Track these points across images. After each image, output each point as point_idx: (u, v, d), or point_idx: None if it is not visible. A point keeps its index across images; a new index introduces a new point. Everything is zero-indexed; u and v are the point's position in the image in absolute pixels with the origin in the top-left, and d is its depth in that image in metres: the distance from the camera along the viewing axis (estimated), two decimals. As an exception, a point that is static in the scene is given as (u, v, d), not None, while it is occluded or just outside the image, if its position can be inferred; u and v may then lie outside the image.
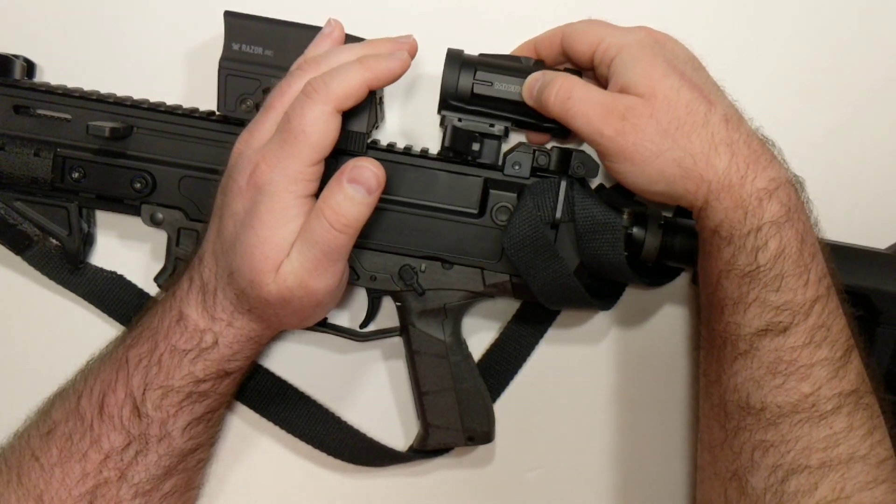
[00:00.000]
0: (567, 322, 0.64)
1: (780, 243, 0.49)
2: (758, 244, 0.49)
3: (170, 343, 0.52)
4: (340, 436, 0.62)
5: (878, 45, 0.62)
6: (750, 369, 0.50)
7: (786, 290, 0.49)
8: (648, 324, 0.64)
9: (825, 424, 0.48)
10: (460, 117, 0.55)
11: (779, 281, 0.49)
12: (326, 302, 0.53)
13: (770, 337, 0.49)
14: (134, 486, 0.53)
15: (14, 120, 0.56)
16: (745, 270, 0.50)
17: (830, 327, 0.49)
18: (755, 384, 0.50)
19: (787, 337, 0.49)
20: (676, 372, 0.64)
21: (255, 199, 0.49)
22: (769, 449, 0.49)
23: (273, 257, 0.49)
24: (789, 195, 0.50)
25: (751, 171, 0.49)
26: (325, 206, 0.49)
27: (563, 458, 0.64)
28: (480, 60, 0.54)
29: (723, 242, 0.50)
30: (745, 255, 0.49)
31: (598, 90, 0.52)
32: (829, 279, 0.50)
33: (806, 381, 0.49)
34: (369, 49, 0.52)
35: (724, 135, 0.50)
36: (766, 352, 0.49)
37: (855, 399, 0.49)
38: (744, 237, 0.49)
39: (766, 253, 0.49)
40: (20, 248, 0.59)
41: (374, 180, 0.49)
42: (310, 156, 0.48)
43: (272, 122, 0.50)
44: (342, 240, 0.49)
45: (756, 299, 0.49)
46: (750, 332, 0.50)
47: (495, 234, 0.57)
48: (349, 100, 0.49)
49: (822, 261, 0.50)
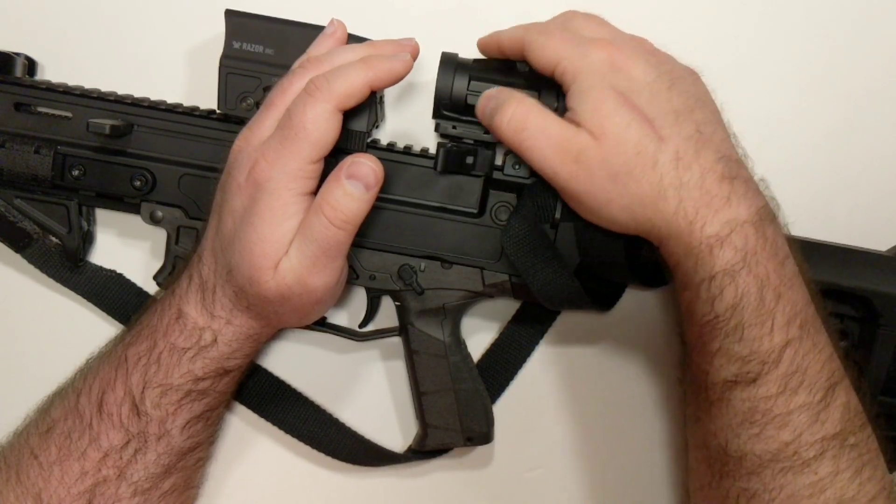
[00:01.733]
0: (567, 323, 0.64)
1: (737, 292, 0.46)
2: (712, 294, 0.47)
3: (169, 341, 0.52)
4: (338, 437, 0.62)
5: (879, 45, 0.62)
6: (725, 417, 0.48)
7: (749, 340, 0.46)
8: (648, 325, 0.64)
9: (809, 471, 0.46)
10: (454, 125, 0.55)
11: (740, 331, 0.46)
12: (325, 300, 0.53)
13: (740, 388, 0.47)
14: (133, 485, 0.53)
15: (15, 117, 0.57)
16: (703, 320, 0.48)
17: (806, 370, 0.46)
18: (732, 432, 0.48)
19: (759, 387, 0.46)
20: (674, 372, 0.64)
21: (255, 196, 0.49)
22: (753, 497, 0.47)
23: (272, 254, 0.49)
24: (746, 238, 0.46)
25: (700, 217, 0.46)
26: (324, 202, 0.49)
27: (563, 458, 0.64)
28: (474, 67, 0.54)
29: (680, 286, 0.49)
30: (701, 303, 0.47)
31: (555, 121, 0.49)
32: (802, 315, 0.47)
33: (785, 429, 0.46)
34: (372, 50, 0.52)
35: (673, 177, 0.47)
36: (738, 401, 0.47)
37: (839, 441, 0.46)
38: (697, 286, 0.47)
39: (723, 303, 0.46)
40: (20, 246, 0.59)
41: (372, 176, 0.49)
42: (310, 154, 0.48)
43: (273, 119, 0.50)
44: (341, 236, 0.49)
45: (720, 349, 0.47)
46: (719, 382, 0.48)
47: (495, 234, 0.57)
48: (351, 99, 0.49)
49: (792, 298, 0.47)
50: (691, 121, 0.48)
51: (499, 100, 0.51)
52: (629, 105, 0.48)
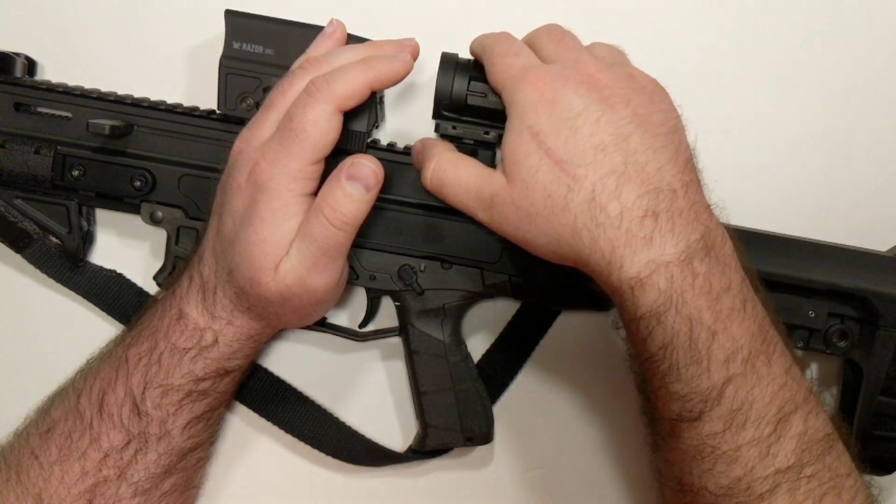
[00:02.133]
0: (567, 323, 0.64)
1: (665, 334, 0.45)
2: (642, 334, 0.46)
3: (170, 341, 0.52)
4: (339, 436, 0.62)
5: (879, 44, 0.62)
6: (677, 452, 0.48)
7: (686, 380, 0.45)
8: (648, 325, 0.64)
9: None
10: (454, 125, 0.55)
11: (675, 371, 0.45)
12: (326, 300, 0.53)
13: (686, 425, 0.46)
14: (133, 485, 0.52)
15: (15, 118, 0.56)
16: (642, 357, 0.47)
17: (752, 404, 0.45)
18: (685, 467, 0.47)
19: (703, 424, 0.45)
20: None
21: (255, 196, 0.49)
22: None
23: (272, 255, 0.49)
24: (671, 278, 0.44)
25: (617, 257, 0.45)
26: (324, 203, 0.49)
27: (563, 458, 0.64)
28: (475, 67, 0.53)
29: (619, 322, 0.49)
30: (637, 343, 0.47)
31: (471, 169, 0.50)
32: (745, 350, 0.45)
33: (735, 465, 0.45)
34: (372, 50, 0.51)
35: (587, 217, 0.45)
36: (686, 438, 0.47)
37: (794, 473, 0.45)
38: (628, 324, 0.47)
39: (654, 343, 0.45)
40: (20, 246, 0.59)
41: (372, 177, 0.49)
42: (310, 154, 0.48)
43: (273, 120, 0.50)
44: (341, 237, 0.49)
45: (661, 387, 0.47)
46: (666, 419, 0.47)
47: (495, 234, 0.57)
48: (351, 100, 0.49)
49: (731, 334, 0.45)
50: (619, 152, 0.46)
51: (423, 156, 0.53)
52: (543, 148, 0.46)
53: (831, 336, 0.57)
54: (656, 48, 0.61)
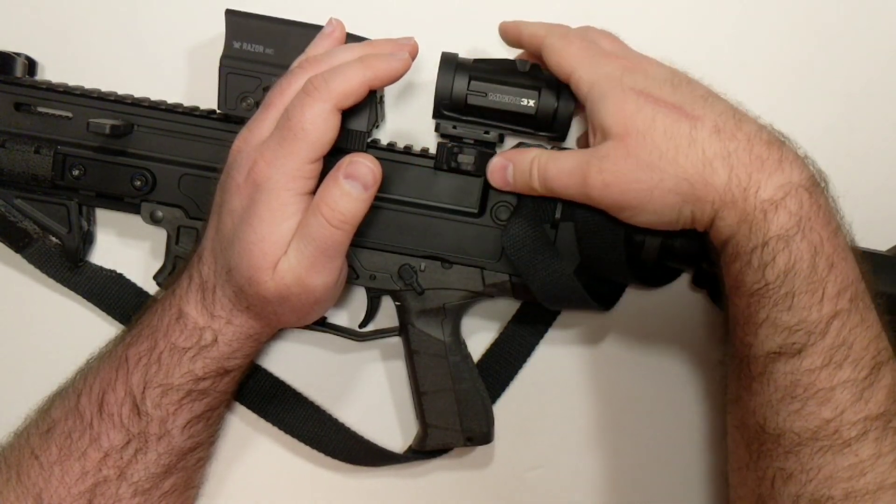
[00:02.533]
0: (567, 323, 0.64)
1: (790, 258, 0.45)
2: (765, 260, 0.46)
3: (169, 341, 0.52)
4: (338, 437, 0.62)
5: (879, 42, 0.62)
6: (766, 393, 0.47)
7: (798, 309, 0.45)
8: (648, 325, 0.64)
9: (850, 452, 0.45)
10: (454, 125, 0.55)
11: (790, 299, 0.45)
12: (325, 300, 0.53)
13: (784, 359, 0.46)
14: (133, 485, 0.53)
15: (15, 117, 0.57)
16: (752, 289, 0.47)
17: (853, 345, 0.45)
18: (772, 409, 0.47)
19: (803, 359, 0.45)
20: (676, 372, 0.64)
21: (254, 196, 0.49)
22: (790, 478, 0.46)
23: (271, 254, 0.49)
24: (801, 202, 0.46)
25: (754, 182, 0.46)
26: (322, 202, 0.49)
27: (563, 458, 0.64)
28: (475, 67, 0.53)
29: (730, 259, 0.48)
30: (752, 272, 0.46)
31: (567, 156, 0.51)
32: (853, 289, 0.46)
33: (826, 406, 0.45)
34: (371, 49, 0.52)
35: (718, 147, 0.47)
36: (780, 375, 0.46)
37: (883, 423, 0.45)
38: (749, 253, 0.46)
39: (774, 269, 0.46)
40: (20, 246, 0.59)
41: (370, 175, 0.49)
42: (308, 153, 0.48)
43: (271, 119, 0.50)
44: (339, 236, 0.49)
45: (766, 319, 0.46)
46: (763, 354, 0.47)
47: (495, 234, 0.57)
48: (349, 98, 0.49)
49: (844, 270, 0.46)
50: (723, 102, 0.49)
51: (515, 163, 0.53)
52: (651, 99, 0.48)
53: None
54: (656, 49, 0.60)
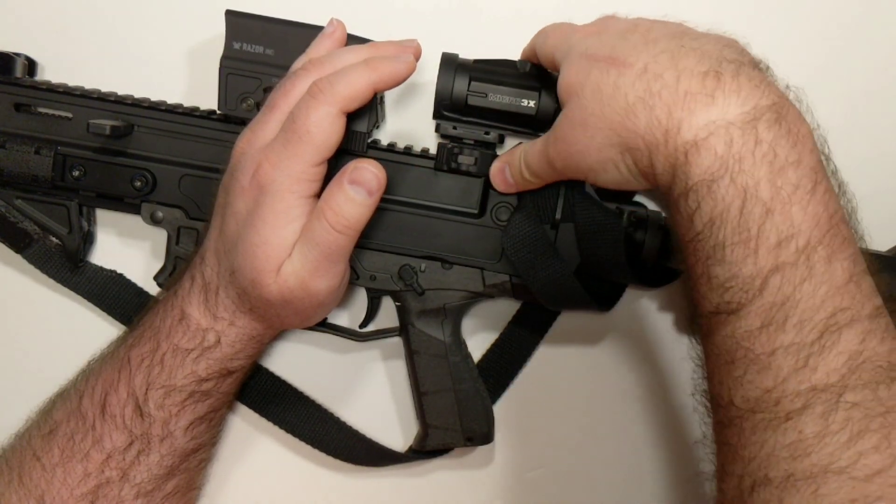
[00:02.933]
0: (567, 323, 0.64)
1: (714, 206, 0.40)
2: (690, 207, 0.41)
3: (172, 342, 0.52)
4: (339, 436, 0.62)
5: (878, 44, 0.62)
6: (712, 357, 0.42)
7: (730, 263, 0.40)
8: (648, 325, 0.64)
9: (791, 428, 0.38)
10: (455, 125, 0.55)
11: (720, 251, 0.40)
12: (328, 302, 0.53)
13: (723, 320, 0.41)
14: (136, 486, 0.53)
15: (15, 118, 0.57)
16: (686, 238, 0.42)
17: (798, 303, 0.39)
18: (718, 376, 0.42)
19: (740, 319, 0.40)
20: (675, 372, 0.64)
21: (258, 198, 0.49)
22: (735, 454, 0.41)
23: (275, 257, 0.49)
24: (730, 141, 0.40)
25: (674, 123, 0.41)
26: (326, 207, 0.49)
27: (563, 458, 0.64)
28: (475, 68, 0.53)
29: (667, 209, 0.47)
30: (683, 221, 0.42)
31: (540, 139, 0.51)
32: (802, 237, 0.39)
33: (766, 373, 0.39)
34: (374, 51, 0.51)
35: (640, 90, 0.42)
36: (720, 338, 0.41)
37: (834, 395, 0.38)
38: (676, 201, 0.42)
39: (701, 218, 0.41)
40: (20, 247, 0.59)
41: (374, 182, 0.49)
42: (314, 156, 0.48)
43: (275, 121, 0.50)
44: (343, 241, 0.49)
45: (703, 275, 0.42)
46: (706, 314, 0.42)
47: (495, 235, 0.57)
48: (355, 101, 0.49)
49: (789, 215, 0.39)
50: (673, 41, 0.44)
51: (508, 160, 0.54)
52: (591, 58, 0.45)
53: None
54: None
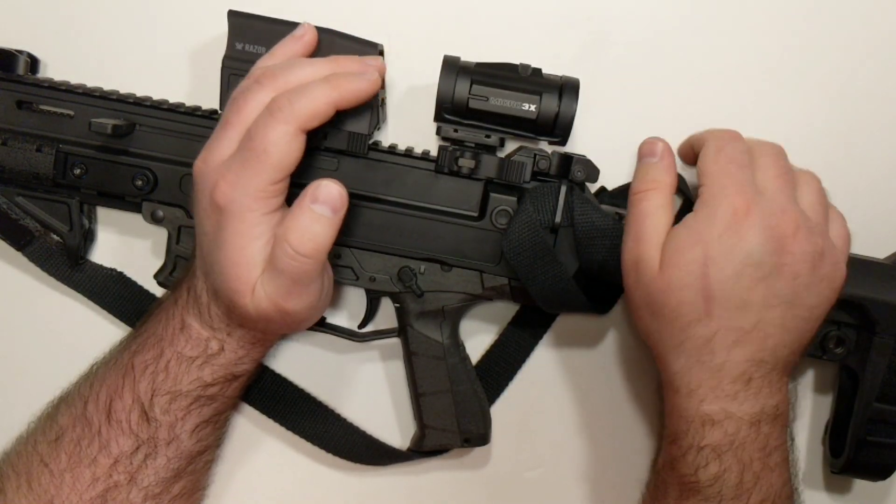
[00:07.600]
0: (565, 325, 0.64)
1: (719, 468, 0.50)
2: (698, 462, 0.50)
3: (175, 350, 0.52)
4: (341, 433, 0.62)
5: (879, 47, 0.62)
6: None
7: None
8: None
9: None
10: (456, 128, 0.55)
11: (717, 499, 0.50)
12: (311, 316, 0.53)
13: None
14: (144, 489, 0.53)
15: (17, 115, 0.56)
16: (685, 479, 0.51)
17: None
18: None
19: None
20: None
21: (220, 220, 0.48)
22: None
23: (245, 277, 0.48)
24: (738, 428, 0.50)
25: (699, 394, 0.50)
26: (289, 232, 0.47)
27: (563, 458, 0.64)
28: (477, 71, 0.53)
29: (669, 436, 0.52)
30: (686, 465, 0.51)
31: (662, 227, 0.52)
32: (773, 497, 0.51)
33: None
34: (336, 66, 0.50)
35: (694, 349, 0.50)
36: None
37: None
38: (685, 449, 0.51)
39: (707, 473, 0.50)
40: (21, 244, 0.59)
41: (339, 198, 0.48)
42: (271, 175, 0.47)
43: (230, 139, 0.49)
44: (309, 265, 0.48)
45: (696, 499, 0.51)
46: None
47: (495, 238, 0.57)
48: (314, 120, 0.48)
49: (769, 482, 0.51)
50: (756, 315, 0.49)
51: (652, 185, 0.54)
52: (704, 271, 0.49)
53: (828, 342, 0.58)
54: (656, 48, 0.61)
